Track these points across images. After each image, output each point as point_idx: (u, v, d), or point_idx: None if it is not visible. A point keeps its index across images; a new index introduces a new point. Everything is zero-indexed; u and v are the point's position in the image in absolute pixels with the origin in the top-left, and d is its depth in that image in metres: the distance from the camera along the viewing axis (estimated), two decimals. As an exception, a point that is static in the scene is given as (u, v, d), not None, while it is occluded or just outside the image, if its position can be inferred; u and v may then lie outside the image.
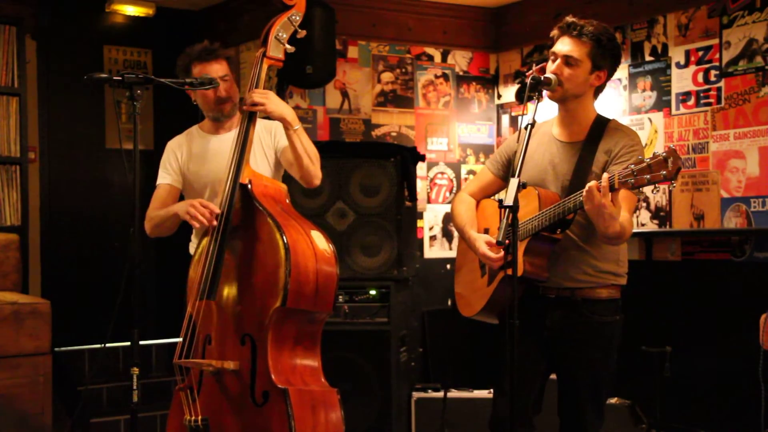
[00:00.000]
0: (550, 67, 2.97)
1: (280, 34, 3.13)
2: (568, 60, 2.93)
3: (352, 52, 5.68)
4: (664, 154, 2.54)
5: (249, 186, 3.01)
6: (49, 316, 4.40)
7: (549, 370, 3.11)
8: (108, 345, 5.24)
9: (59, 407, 4.79)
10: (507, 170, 3.15)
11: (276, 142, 3.38)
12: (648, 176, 2.57)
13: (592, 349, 3.00)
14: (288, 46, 3.15)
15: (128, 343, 2.77)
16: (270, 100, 3.06)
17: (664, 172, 2.53)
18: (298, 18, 3.15)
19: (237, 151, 3.06)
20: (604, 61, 2.94)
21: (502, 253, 2.92)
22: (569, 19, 2.98)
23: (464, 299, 3.26)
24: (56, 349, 4.82)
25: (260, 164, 3.30)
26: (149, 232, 3.35)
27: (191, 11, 6.08)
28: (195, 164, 3.40)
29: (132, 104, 2.76)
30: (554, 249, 2.95)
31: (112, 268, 4.44)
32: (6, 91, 5.09)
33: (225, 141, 3.33)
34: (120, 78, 2.77)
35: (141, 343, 2.79)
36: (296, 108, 5.44)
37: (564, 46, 2.95)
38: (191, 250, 3.37)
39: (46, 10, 5.57)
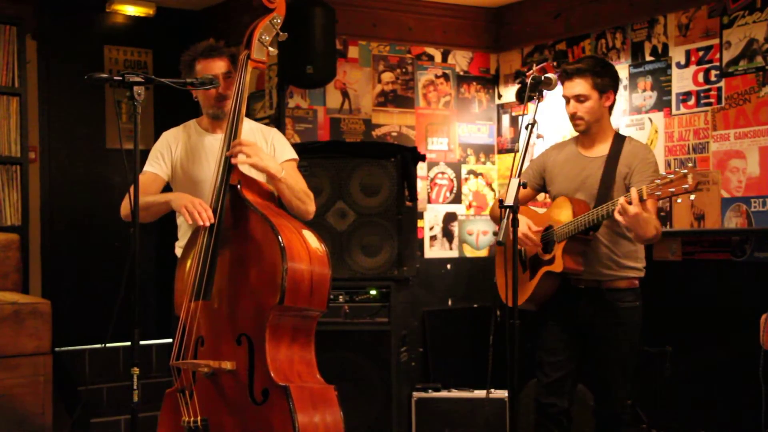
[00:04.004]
0: (568, 109, 3.55)
1: (263, 36, 3.14)
2: (579, 98, 3.52)
3: (353, 52, 5.68)
4: (685, 171, 3.02)
5: (238, 186, 3.01)
6: (49, 316, 4.40)
7: (582, 355, 3.62)
8: (108, 345, 5.24)
9: (59, 407, 4.80)
10: (539, 181, 3.75)
11: (274, 155, 3.36)
12: (673, 189, 3.05)
13: (617, 329, 3.53)
14: (271, 48, 3.15)
15: (128, 343, 2.77)
16: (257, 155, 3.05)
17: (686, 186, 3.01)
18: (279, 21, 3.15)
19: (225, 152, 3.06)
20: (606, 85, 3.53)
21: (539, 235, 3.53)
22: (565, 66, 3.59)
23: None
24: (56, 349, 4.82)
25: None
26: (126, 216, 3.24)
27: (191, 11, 6.08)
28: (188, 160, 3.38)
29: (132, 104, 2.76)
30: (586, 248, 3.50)
31: (112, 268, 4.44)
32: (6, 91, 5.10)
33: (220, 140, 3.33)
34: (120, 78, 2.77)
35: (141, 343, 2.79)
36: (296, 108, 5.44)
37: (571, 88, 3.54)
38: (178, 253, 3.37)
39: (46, 10, 5.58)
